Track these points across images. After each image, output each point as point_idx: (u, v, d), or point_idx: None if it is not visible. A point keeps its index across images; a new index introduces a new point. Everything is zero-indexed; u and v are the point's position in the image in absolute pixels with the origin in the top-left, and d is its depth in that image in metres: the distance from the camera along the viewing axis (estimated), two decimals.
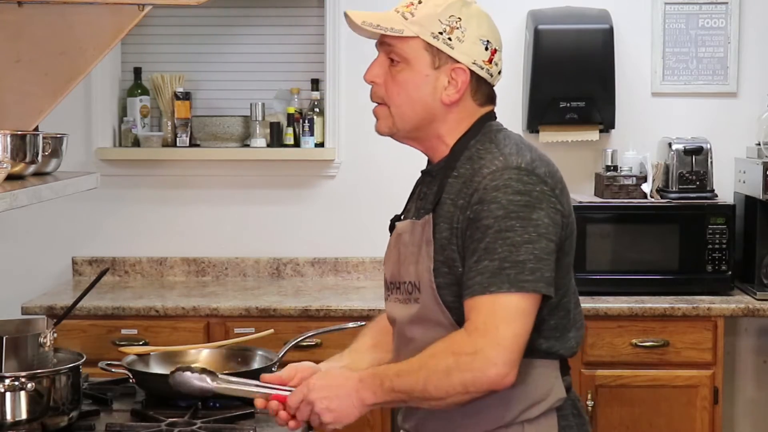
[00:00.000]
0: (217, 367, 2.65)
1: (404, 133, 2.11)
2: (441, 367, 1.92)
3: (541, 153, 2.11)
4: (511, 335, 1.90)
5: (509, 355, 1.90)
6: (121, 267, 4.38)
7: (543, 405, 2.04)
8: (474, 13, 2.11)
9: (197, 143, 4.36)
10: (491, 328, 1.90)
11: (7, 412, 2.16)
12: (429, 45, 2.05)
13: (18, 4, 2.55)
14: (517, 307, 1.92)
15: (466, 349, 1.91)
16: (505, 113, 4.25)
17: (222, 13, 4.36)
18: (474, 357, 1.90)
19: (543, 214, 1.97)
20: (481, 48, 2.08)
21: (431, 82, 2.06)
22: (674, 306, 3.79)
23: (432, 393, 1.94)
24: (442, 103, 2.07)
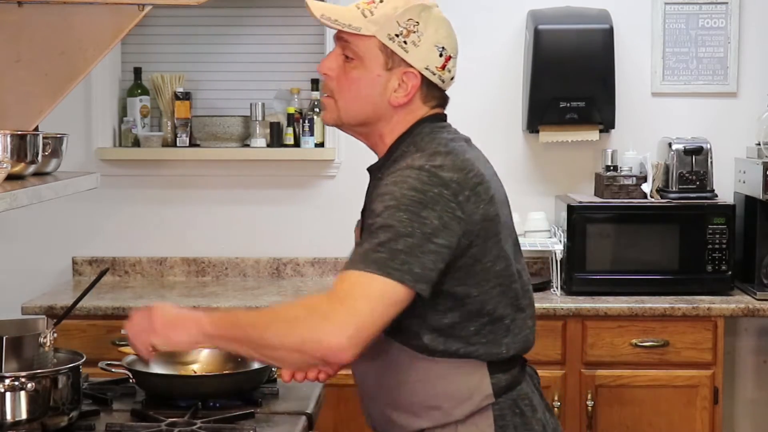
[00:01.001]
0: (217, 367, 2.65)
1: (348, 126, 2.15)
2: (290, 315, 1.93)
3: (468, 160, 2.06)
4: (368, 314, 1.88)
5: (357, 333, 1.87)
6: (121, 267, 4.38)
7: (467, 406, 2.05)
8: (433, 18, 2.10)
9: (197, 143, 4.36)
10: (351, 299, 1.88)
11: (7, 412, 2.16)
12: (384, 46, 2.06)
13: (18, 4, 2.55)
14: (379, 290, 1.90)
15: (321, 308, 1.89)
16: (505, 113, 4.32)
17: (222, 13, 4.36)
18: (325, 319, 1.87)
19: (434, 215, 1.95)
20: (436, 54, 2.09)
21: (382, 82, 2.08)
22: (674, 306, 3.79)
23: (269, 338, 1.92)
24: (390, 104, 2.09)
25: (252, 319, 1.98)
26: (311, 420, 2.48)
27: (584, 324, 3.79)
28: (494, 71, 4.32)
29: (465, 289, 2.02)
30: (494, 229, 2.04)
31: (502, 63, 4.31)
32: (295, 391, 2.63)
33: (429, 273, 1.94)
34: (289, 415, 2.46)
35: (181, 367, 2.65)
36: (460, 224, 1.97)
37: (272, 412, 2.47)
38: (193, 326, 2.00)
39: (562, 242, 4.01)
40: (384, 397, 2.14)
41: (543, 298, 3.89)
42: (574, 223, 3.96)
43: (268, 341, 1.93)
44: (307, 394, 2.62)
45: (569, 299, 3.87)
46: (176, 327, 2.03)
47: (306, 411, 2.49)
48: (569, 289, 3.95)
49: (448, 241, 1.96)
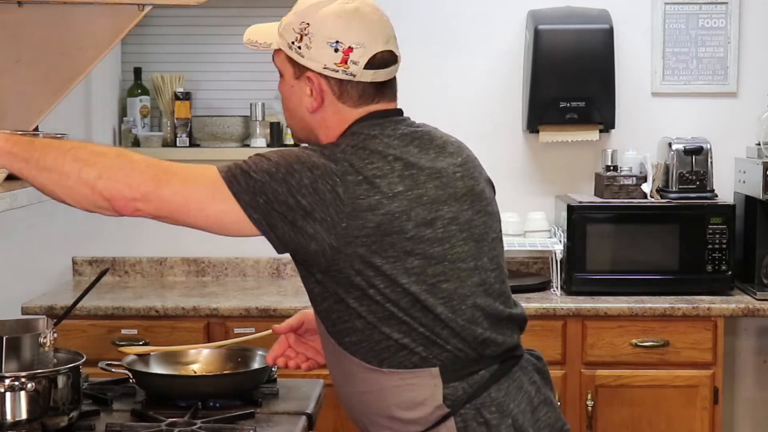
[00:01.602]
0: (217, 367, 2.65)
1: (301, 141, 2.15)
2: (99, 149, 1.94)
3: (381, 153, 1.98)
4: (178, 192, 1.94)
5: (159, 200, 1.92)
6: (121, 267, 4.38)
7: (422, 417, 1.99)
8: (324, 14, 2.01)
9: (197, 143, 4.36)
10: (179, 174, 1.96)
11: (7, 412, 2.16)
12: (288, 56, 2.06)
13: (18, 4, 2.55)
14: (213, 180, 1.97)
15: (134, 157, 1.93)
16: (505, 113, 4.31)
17: (222, 13, 4.36)
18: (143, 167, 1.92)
19: (307, 174, 1.92)
20: (330, 51, 2.00)
21: (297, 92, 2.07)
22: (674, 306, 3.79)
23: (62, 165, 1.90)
24: (308, 112, 2.07)
25: (53, 143, 1.94)
26: (311, 420, 2.48)
27: (584, 324, 3.79)
28: (494, 71, 4.32)
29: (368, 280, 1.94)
30: (397, 226, 1.94)
31: (502, 63, 4.31)
32: (295, 391, 2.63)
33: (272, 212, 1.92)
34: (289, 415, 2.46)
35: (181, 367, 2.65)
36: (336, 201, 1.92)
37: (272, 412, 2.47)
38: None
39: (562, 242, 4.01)
40: (351, 402, 2.12)
41: (543, 298, 3.90)
42: (574, 223, 3.96)
43: (62, 168, 1.91)
44: (307, 394, 2.62)
45: (569, 299, 3.87)
46: None
47: (306, 411, 2.49)
48: (569, 289, 3.95)
49: (311, 207, 1.91)
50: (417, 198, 1.98)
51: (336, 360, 2.07)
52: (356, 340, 2.00)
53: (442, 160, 2.06)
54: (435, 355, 1.99)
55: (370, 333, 1.99)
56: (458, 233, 2.03)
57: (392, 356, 1.99)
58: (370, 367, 2.01)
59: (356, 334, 2.00)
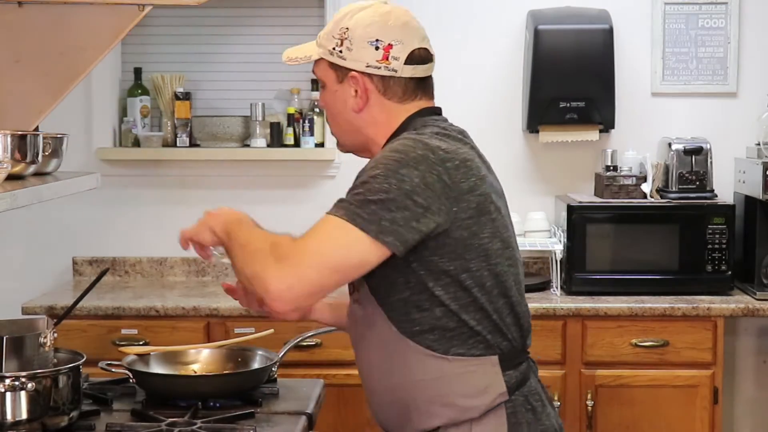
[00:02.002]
0: (217, 367, 2.66)
1: (347, 149, 2.25)
2: (258, 246, 2.01)
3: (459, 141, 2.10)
4: (315, 264, 1.95)
5: (298, 285, 1.94)
6: (121, 267, 4.38)
7: (482, 404, 2.07)
8: (361, 17, 2.13)
9: (197, 143, 4.36)
10: (306, 248, 1.97)
11: (7, 412, 2.16)
12: (330, 63, 2.15)
13: (18, 4, 2.55)
14: (340, 232, 1.97)
15: (283, 249, 1.97)
16: (505, 113, 4.32)
17: (222, 13, 4.36)
18: (280, 261, 1.96)
19: (416, 174, 1.98)
20: (371, 49, 2.11)
21: (341, 96, 2.15)
22: (674, 306, 3.79)
23: (238, 261, 2.04)
24: (354, 113, 2.15)
25: (245, 237, 2.06)
26: (311, 420, 2.48)
27: (584, 324, 3.79)
28: (494, 71, 4.32)
29: (463, 264, 2.02)
30: (487, 207, 2.05)
31: (502, 63, 4.31)
32: (295, 391, 2.63)
33: (399, 228, 1.95)
34: (289, 415, 2.46)
35: (181, 367, 2.65)
36: (445, 189, 1.99)
37: (272, 412, 2.47)
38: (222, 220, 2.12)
39: (562, 242, 4.01)
40: (396, 395, 2.13)
41: (543, 298, 3.90)
42: (574, 223, 3.96)
43: (237, 263, 2.05)
44: (307, 394, 2.63)
45: (569, 299, 3.87)
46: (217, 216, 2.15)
47: (306, 411, 2.49)
48: (569, 289, 3.95)
49: (428, 203, 1.97)
50: (491, 183, 2.12)
51: (390, 350, 2.10)
52: (428, 328, 2.06)
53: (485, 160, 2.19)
54: (497, 343, 2.08)
55: (447, 321, 2.05)
56: (509, 224, 2.16)
57: (461, 344, 2.06)
58: (435, 354, 2.06)
59: (430, 322, 2.05)
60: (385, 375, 2.14)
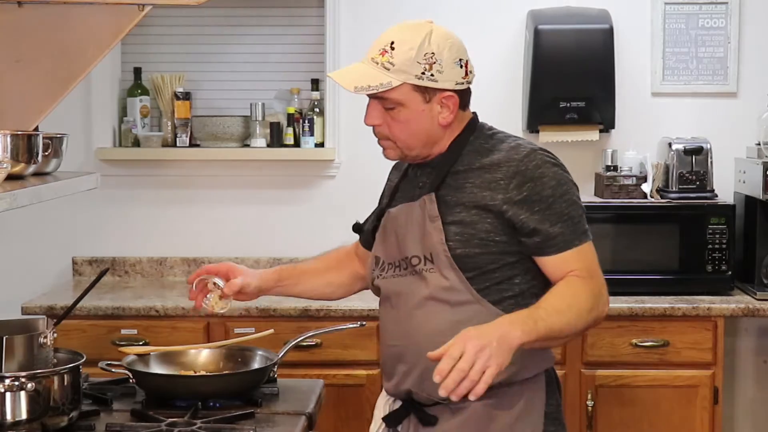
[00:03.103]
0: (217, 367, 2.66)
1: (413, 158, 2.35)
2: (587, 306, 2.22)
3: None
4: (603, 277, 2.30)
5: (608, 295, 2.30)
6: (121, 267, 4.38)
7: (536, 366, 2.31)
8: (440, 39, 2.28)
9: (197, 143, 4.36)
10: (595, 273, 2.29)
11: (7, 412, 2.16)
12: (416, 86, 2.26)
13: (18, 4, 2.55)
14: (594, 252, 2.32)
15: (595, 291, 2.25)
16: (505, 113, 4.32)
17: (222, 13, 4.36)
18: (600, 298, 2.26)
19: (567, 176, 2.34)
20: (458, 69, 2.30)
21: (428, 114, 2.29)
22: (674, 306, 3.79)
23: (578, 329, 2.24)
24: (441, 126, 2.31)
25: (561, 323, 2.19)
26: (311, 420, 2.49)
27: None
28: (494, 71, 4.31)
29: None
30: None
31: (502, 63, 4.31)
32: (295, 391, 2.63)
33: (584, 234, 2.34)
34: (289, 415, 2.46)
35: (181, 367, 2.65)
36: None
37: (272, 412, 2.47)
38: (515, 345, 2.10)
39: None
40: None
41: None
42: None
43: (577, 331, 2.25)
44: (307, 394, 2.63)
45: None
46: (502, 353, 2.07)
47: (306, 411, 2.49)
48: None
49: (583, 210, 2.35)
50: None
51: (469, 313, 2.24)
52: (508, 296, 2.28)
53: None
54: None
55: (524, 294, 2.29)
56: None
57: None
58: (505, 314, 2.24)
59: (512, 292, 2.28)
60: (451, 332, 2.14)
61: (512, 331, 2.08)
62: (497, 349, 2.04)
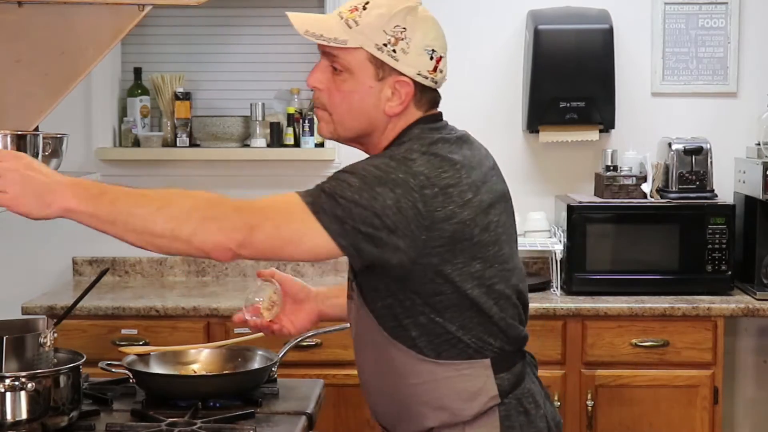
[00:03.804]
0: (217, 367, 2.65)
1: (345, 139, 2.12)
2: (187, 204, 1.94)
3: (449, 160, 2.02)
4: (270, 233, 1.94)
5: (255, 245, 1.93)
6: (121, 267, 4.38)
7: (474, 407, 2.06)
8: (420, 20, 2.03)
9: (197, 143, 4.36)
10: (268, 215, 1.96)
11: (7, 412, 2.16)
12: (373, 56, 2.01)
13: (18, 4, 2.55)
14: (301, 214, 1.94)
15: (223, 207, 1.94)
16: (505, 113, 4.32)
17: (222, 13, 4.36)
18: (233, 216, 1.93)
19: (390, 196, 1.93)
20: (426, 58, 2.03)
21: (375, 93, 2.04)
22: (674, 306, 3.79)
23: (153, 227, 1.93)
24: (386, 114, 2.06)
25: (134, 204, 1.95)
26: (311, 420, 2.48)
27: (584, 324, 3.79)
28: (494, 71, 4.32)
29: (435, 288, 2.00)
30: (467, 233, 2.00)
31: (502, 63, 4.31)
32: (295, 391, 2.63)
33: (359, 241, 1.93)
34: (289, 415, 2.46)
35: (181, 367, 2.65)
36: (417, 216, 1.94)
37: (272, 412, 2.47)
38: (57, 200, 1.94)
39: (562, 242, 4.01)
40: (390, 395, 2.14)
41: (543, 298, 3.90)
42: (574, 223, 3.96)
43: (152, 229, 1.93)
44: (307, 394, 2.62)
45: (569, 299, 3.87)
46: (35, 195, 1.94)
47: (306, 411, 2.49)
48: (569, 289, 3.95)
49: (395, 225, 1.93)
50: (479, 204, 2.03)
51: (382, 354, 2.10)
52: (416, 335, 2.04)
53: (484, 164, 2.13)
54: (487, 349, 2.07)
55: (433, 327, 2.04)
56: (502, 235, 2.10)
57: (450, 349, 2.05)
58: (426, 359, 2.06)
59: (418, 329, 2.04)
60: (379, 375, 2.14)
61: (63, 185, 1.93)
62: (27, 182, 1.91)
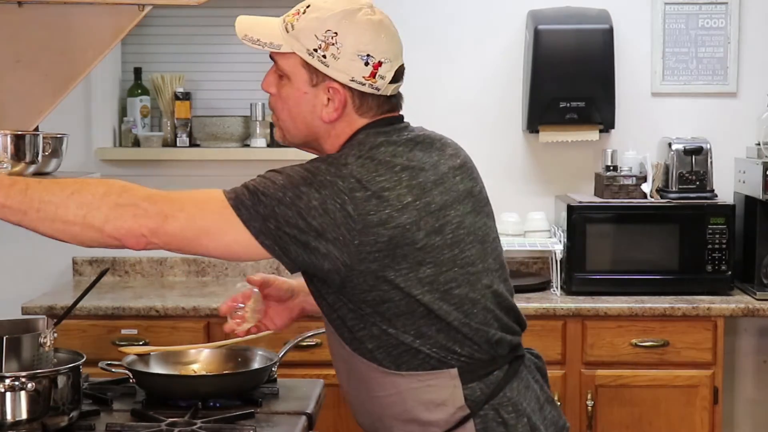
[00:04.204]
0: (217, 367, 2.65)
1: (295, 145, 2.12)
2: (99, 191, 1.91)
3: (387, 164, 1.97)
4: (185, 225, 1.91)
5: (169, 233, 1.91)
6: (121, 267, 4.38)
7: (442, 419, 2.00)
8: (355, 25, 1.98)
9: (197, 143, 4.36)
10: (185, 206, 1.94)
11: (7, 412, 2.16)
12: (304, 62, 1.99)
13: (18, 4, 2.55)
14: (220, 208, 1.93)
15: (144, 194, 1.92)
16: (505, 113, 4.32)
17: (222, 13, 4.34)
18: (146, 204, 1.91)
19: (316, 196, 1.91)
20: (360, 64, 1.98)
21: (310, 99, 2.02)
22: (674, 306, 3.79)
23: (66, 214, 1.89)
24: (323, 121, 2.03)
25: (45, 191, 1.90)
26: (311, 420, 2.48)
27: (584, 324, 3.79)
28: (494, 71, 4.32)
29: (381, 295, 1.95)
30: (409, 237, 1.94)
31: (502, 63, 4.31)
32: (295, 391, 2.63)
33: (285, 243, 1.91)
34: (289, 415, 2.46)
35: (181, 367, 2.65)
36: (347, 219, 1.90)
37: (272, 412, 2.47)
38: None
39: (562, 242, 4.01)
40: (364, 407, 2.13)
41: (543, 298, 3.90)
42: (574, 223, 3.96)
43: (64, 216, 1.90)
44: (307, 394, 2.62)
45: (569, 299, 3.87)
46: None
47: (306, 411, 2.49)
48: (569, 289, 3.95)
49: (323, 228, 1.89)
50: (425, 206, 1.98)
51: (349, 366, 2.07)
52: (372, 347, 2.01)
53: (443, 164, 2.07)
54: (451, 358, 2.01)
55: (387, 339, 1.99)
56: (465, 237, 2.04)
57: (410, 360, 2.00)
58: (387, 371, 2.02)
59: (372, 341, 2.00)
60: (353, 387, 2.12)
61: None
62: None
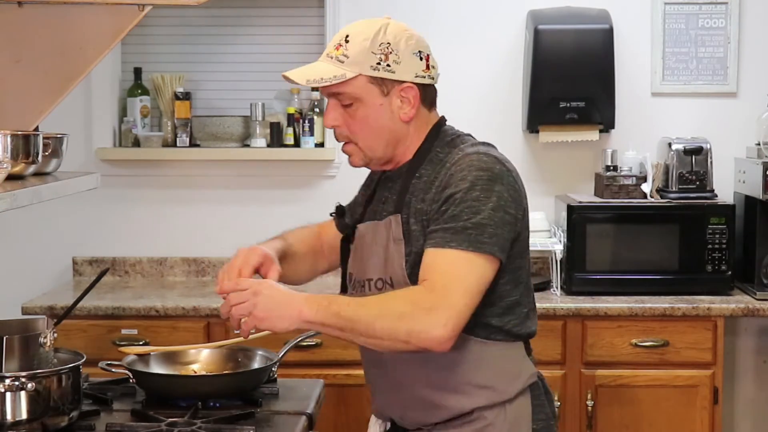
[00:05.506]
0: (217, 367, 2.66)
1: (377, 161, 2.26)
2: (396, 310, 2.05)
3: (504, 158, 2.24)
4: (464, 300, 2.06)
5: (457, 322, 2.04)
6: (121, 267, 4.38)
7: (517, 384, 2.21)
8: (396, 31, 2.20)
9: (197, 143, 4.36)
10: (449, 290, 2.05)
11: (7, 412, 2.16)
12: (372, 78, 2.18)
13: (18, 4, 2.56)
14: (473, 267, 2.08)
15: (423, 303, 2.04)
16: (505, 113, 4.32)
17: (222, 13, 4.36)
18: (429, 313, 2.03)
19: (503, 189, 2.14)
20: (417, 60, 2.21)
21: (387, 107, 2.20)
22: (674, 306, 3.79)
23: (376, 331, 2.05)
24: (403, 122, 2.22)
25: (356, 314, 2.06)
26: (311, 420, 2.49)
27: (584, 324, 3.79)
28: (494, 71, 4.32)
29: (521, 262, 2.23)
30: (527, 213, 2.26)
31: (502, 63, 4.31)
32: (295, 391, 2.63)
33: (506, 243, 2.14)
34: (289, 415, 2.46)
35: (181, 367, 2.65)
36: (518, 197, 2.18)
37: (272, 412, 2.47)
38: (295, 315, 2.07)
39: (562, 242, 4.01)
40: (428, 380, 2.20)
41: (543, 298, 3.89)
42: (574, 223, 3.96)
43: (375, 333, 2.06)
44: (307, 394, 2.63)
45: (569, 299, 3.87)
46: (279, 316, 2.09)
47: (306, 411, 2.49)
48: (569, 289, 3.95)
49: (516, 212, 2.16)
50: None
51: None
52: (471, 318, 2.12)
53: None
54: (528, 326, 2.25)
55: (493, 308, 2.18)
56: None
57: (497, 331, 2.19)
58: (477, 339, 2.17)
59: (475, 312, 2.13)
60: (423, 364, 2.18)
61: (298, 302, 2.07)
62: (270, 306, 2.07)
